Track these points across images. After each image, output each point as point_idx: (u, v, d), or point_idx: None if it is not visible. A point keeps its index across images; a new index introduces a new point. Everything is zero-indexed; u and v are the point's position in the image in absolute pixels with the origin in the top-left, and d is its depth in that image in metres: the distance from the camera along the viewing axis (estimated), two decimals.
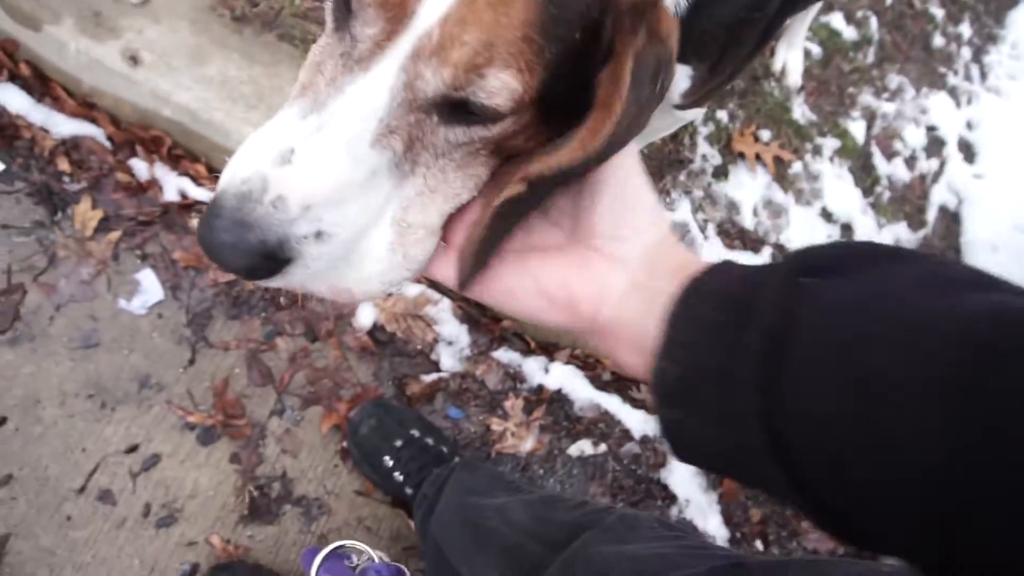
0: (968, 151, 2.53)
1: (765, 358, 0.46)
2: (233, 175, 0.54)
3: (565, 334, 1.83)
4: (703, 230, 1.98)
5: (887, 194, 2.32)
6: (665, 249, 0.59)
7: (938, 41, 2.59)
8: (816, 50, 2.33)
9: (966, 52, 2.64)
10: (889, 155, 2.36)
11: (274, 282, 0.56)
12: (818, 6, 2.08)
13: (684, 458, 0.56)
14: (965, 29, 2.67)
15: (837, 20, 2.38)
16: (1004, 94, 2.64)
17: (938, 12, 2.63)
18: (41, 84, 1.59)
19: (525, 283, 0.60)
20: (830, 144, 2.25)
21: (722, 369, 0.49)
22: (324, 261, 0.56)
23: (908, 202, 2.37)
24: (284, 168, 0.54)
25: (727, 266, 0.55)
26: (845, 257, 0.50)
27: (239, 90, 1.60)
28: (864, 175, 2.29)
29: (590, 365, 1.90)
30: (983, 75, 2.65)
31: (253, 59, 1.63)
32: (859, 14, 2.44)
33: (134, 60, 1.53)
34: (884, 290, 0.45)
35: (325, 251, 0.55)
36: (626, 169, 0.61)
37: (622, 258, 0.59)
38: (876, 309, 0.44)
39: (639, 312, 0.56)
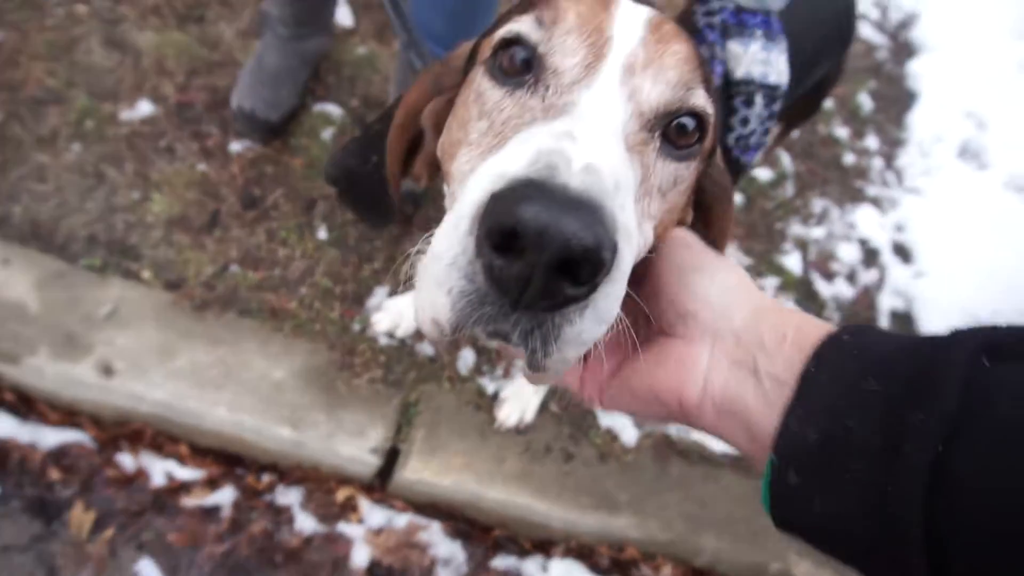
0: (904, 253, 2.67)
1: (941, 444, 0.42)
2: (506, 169, 0.46)
3: (556, 531, 1.88)
4: None
5: (836, 315, 2.43)
6: (756, 311, 0.56)
7: (849, 159, 2.79)
8: (738, 199, 2.50)
9: (877, 162, 2.84)
10: (829, 277, 2.50)
11: (571, 313, 0.45)
12: None
13: (788, 529, 0.52)
14: (872, 141, 2.87)
15: None
16: (922, 192, 2.82)
17: (843, 132, 2.84)
18: (25, 405, 1.71)
19: (625, 397, 0.60)
20: (771, 283, 2.38)
21: (880, 445, 0.44)
22: (617, 284, 0.47)
23: (859, 316, 2.48)
24: (574, 142, 0.47)
25: (871, 330, 0.52)
26: None
27: (207, 374, 1.72)
28: (810, 302, 2.41)
29: (586, 554, 1.94)
30: (899, 179, 2.84)
31: (218, 341, 1.76)
32: (770, 154, 2.64)
33: (108, 371, 1.65)
34: None
35: (624, 259, 0.47)
36: (678, 239, 0.61)
37: (699, 333, 0.56)
38: None
39: (742, 390, 0.53)
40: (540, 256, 0.41)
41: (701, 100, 0.59)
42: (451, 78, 0.74)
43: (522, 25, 0.59)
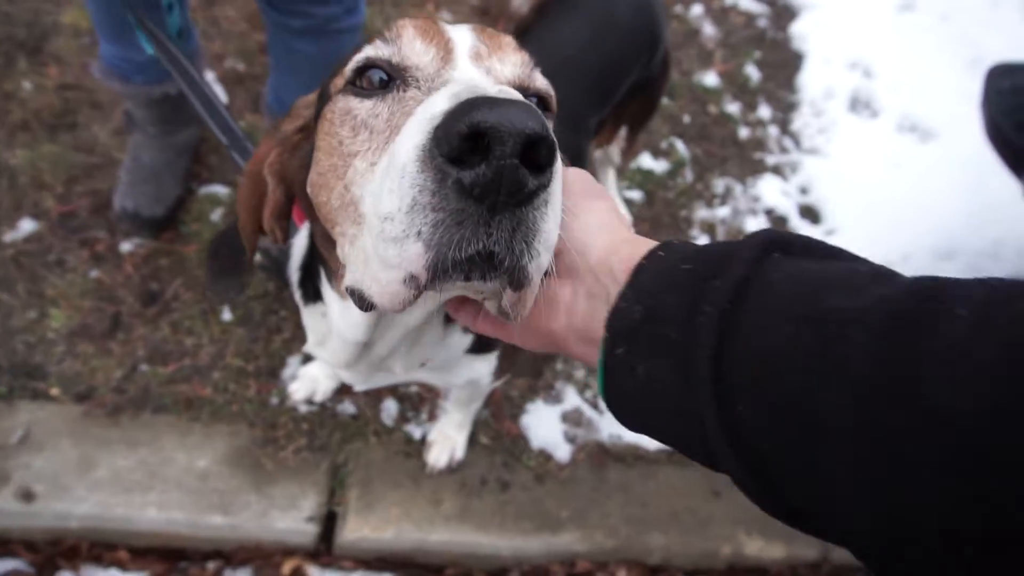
0: (812, 215, 2.73)
1: (728, 303, 0.50)
2: (433, 111, 0.51)
3: (506, 559, 1.91)
4: (595, 406, 2.11)
5: None
6: (611, 245, 0.62)
7: (744, 133, 2.84)
8: (637, 195, 2.55)
9: (773, 130, 2.90)
10: None
11: (541, 183, 0.50)
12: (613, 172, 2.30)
13: (618, 407, 0.59)
14: (764, 111, 2.93)
15: (646, 160, 2.62)
16: (821, 151, 2.88)
17: (734, 108, 2.90)
18: None
19: (525, 335, 0.67)
20: None
21: (686, 312, 0.52)
22: (558, 180, 0.55)
23: None
24: (476, 84, 0.55)
25: (689, 242, 0.61)
26: (811, 245, 0.55)
27: (131, 478, 1.73)
28: None
29: (541, 574, 1.97)
30: (796, 142, 2.90)
31: (136, 443, 1.77)
32: (663, 144, 2.68)
33: (28, 496, 1.67)
34: (844, 271, 0.50)
35: (558, 154, 0.53)
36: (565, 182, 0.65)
37: (564, 271, 0.62)
38: (836, 279, 0.49)
39: (587, 312, 0.61)
40: (507, 146, 0.46)
41: (541, 82, 0.70)
42: (294, 125, 0.81)
43: (370, 50, 0.67)
